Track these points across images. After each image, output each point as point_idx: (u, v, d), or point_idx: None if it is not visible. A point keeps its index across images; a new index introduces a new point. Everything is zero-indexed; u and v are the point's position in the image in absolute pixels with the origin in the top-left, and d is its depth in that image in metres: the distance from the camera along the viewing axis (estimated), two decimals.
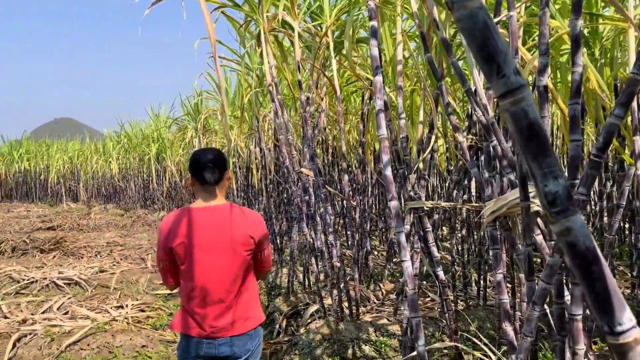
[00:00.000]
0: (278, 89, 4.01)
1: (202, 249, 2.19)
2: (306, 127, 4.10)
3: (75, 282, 6.07)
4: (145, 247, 8.36)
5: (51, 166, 20.54)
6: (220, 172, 2.25)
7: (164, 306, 5.13)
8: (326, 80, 4.95)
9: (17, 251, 8.34)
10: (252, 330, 2.27)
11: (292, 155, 3.98)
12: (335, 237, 4.07)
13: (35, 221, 12.47)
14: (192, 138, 11.01)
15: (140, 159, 15.46)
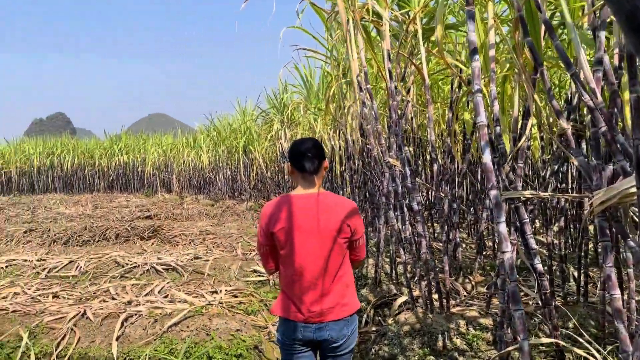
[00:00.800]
0: (367, 77, 4.00)
1: (301, 235, 2.27)
2: (394, 116, 4.07)
3: (173, 267, 6.45)
4: (235, 235, 8.70)
5: (147, 159, 21.88)
6: (319, 162, 2.34)
7: (255, 293, 5.32)
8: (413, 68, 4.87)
9: (120, 238, 8.99)
10: (348, 316, 2.32)
11: (381, 144, 3.95)
12: (424, 227, 4.00)
13: (135, 210, 13.35)
14: (278, 130, 11.27)
15: (228, 151, 16.06)
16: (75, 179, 22.92)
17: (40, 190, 22.78)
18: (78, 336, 4.10)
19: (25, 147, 23.74)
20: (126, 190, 22.46)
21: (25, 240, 9.04)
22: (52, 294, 5.27)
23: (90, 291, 5.35)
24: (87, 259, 6.92)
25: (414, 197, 3.99)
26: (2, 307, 4.77)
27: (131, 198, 18.52)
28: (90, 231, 9.27)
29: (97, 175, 22.86)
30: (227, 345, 3.77)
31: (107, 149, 23.14)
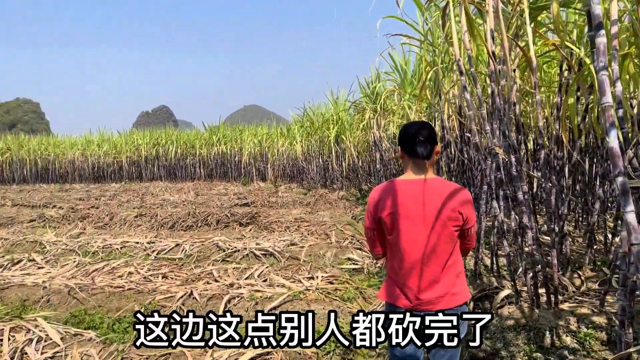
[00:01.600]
0: (471, 61, 3.83)
1: (409, 221, 2.23)
2: (498, 101, 3.87)
3: (270, 253, 6.66)
4: (329, 224, 8.80)
5: (243, 149, 22.73)
6: (431, 146, 2.27)
7: (350, 280, 5.35)
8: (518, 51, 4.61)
9: (220, 224, 9.43)
10: (458, 306, 2.27)
11: (485, 130, 3.79)
12: (530, 218, 3.79)
13: (233, 198, 13.95)
14: (370, 119, 11.20)
15: (321, 140, 16.25)
16: (178, 168, 24.36)
17: (147, 178, 24.47)
18: None
19: (134, 137, 25.57)
20: (224, 178, 23.51)
21: (136, 224, 9.76)
22: (162, 275, 5.65)
23: (195, 273, 5.67)
24: (192, 243, 7.33)
25: (519, 187, 3.78)
26: (119, 285, 5.19)
27: (229, 186, 19.36)
28: (193, 217, 9.81)
29: (197, 164, 24.12)
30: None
31: (207, 140, 24.31)
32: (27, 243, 7.97)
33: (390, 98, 10.62)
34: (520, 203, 3.79)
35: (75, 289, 4.99)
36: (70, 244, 7.65)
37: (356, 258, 6.44)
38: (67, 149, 25.83)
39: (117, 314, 4.49)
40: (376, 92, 11.02)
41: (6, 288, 5.26)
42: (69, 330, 4.00)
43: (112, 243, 7.62)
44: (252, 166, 22.60)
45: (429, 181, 2.27)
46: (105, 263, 6.11)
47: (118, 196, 15.54)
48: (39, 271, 6.01)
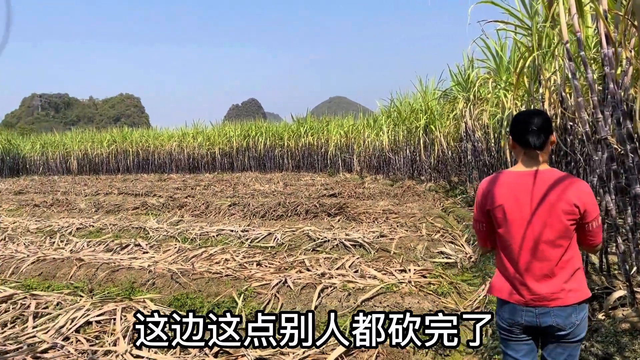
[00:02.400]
0: (581, 44, 3.56)
1: (521, 214, 2.14)
2: (612, 86, 3.57)
3: (360, 244, 6.66)
4: (418, 216, 8.64)
5: (330, 140, 22.92)
6: (545, 136, 2.15)
7: (444, 274, 5.21)
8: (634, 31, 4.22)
9: (309, 214, 9.58)
10: (576, 303, 2.13)
11: (597, 119, 3.51)
12: None
13: (320, 188, 14.11)
14: (462, 108, 10.83)
15: (408, 131, 15.98)
16: (267, 159, 25.07)
17: (238, 168, 25.41)
18: (281, 302, 4.47)
19: (226, 130, 26.62)
20: (311, 169, 23.87)
21: (230, 213, 10.16)
22: (256, 262, 5.83)
23: (288, 262, 5.80)
24: (283, 232, 7.51)
25: (636, 179, 3.47)
26: (217, 271, 5.41)
27: (316, 177, 19.62)
28: (283, 207, 10.04)
29: (285, 155, 24.67)
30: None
31: (294, 131, 24.78)
32: (132, 229, 8.56)
33: (484, 86, 10.19)
34: (637, 197, 3.48)
35: (177, 274, 5.28)
36: (171, 231, 8.12)
37: (449, 252, 6.27)
38: (165, 141, 27.42)
39: (215, 299, 4.70)
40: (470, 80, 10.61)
41: (117, 271, 5.67)
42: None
43: (209, 230, 7.99)
44: (338, 157, 22.73)
45: (541, 173, 2.15)
46: (203, 249, 6.41)
47: (212, 186, 16.27)
48: (144, 255, 6.43)
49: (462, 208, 9.90)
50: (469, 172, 12.59)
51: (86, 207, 11.91)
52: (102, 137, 29.37)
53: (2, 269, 6.21)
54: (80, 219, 9.75)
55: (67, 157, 30.00)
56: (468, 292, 5.05)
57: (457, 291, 4.93)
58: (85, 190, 16.06)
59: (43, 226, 9.21)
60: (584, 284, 2.20)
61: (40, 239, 7.80)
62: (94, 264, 5.89)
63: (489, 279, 5.10)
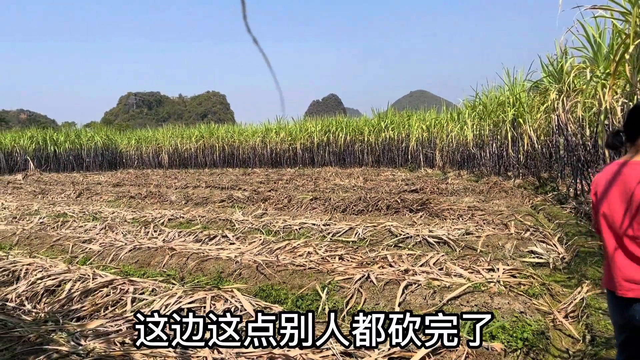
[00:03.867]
0: None
1: (610, 203, 2.24)
2: None
3: (444, 241, 6.49)
4: (506, 213, 8.28)
5: (411, 134, 22.55)
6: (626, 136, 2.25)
7: (535, 274, 4.96)
8: None
9: (390, 209, 9.48)
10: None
11: None
12: None
13: (401, 184, 13.93)
14: (554, 100, 10.23)
15: (494, 125, 15.35)
16: (346, 154, 25.12)
17: (319, 163, 25.68)
18: (364, 297, 4.46)
19: (307, 125, 26.98)
20: (391, 164, 23.63)
21: (311, 207, 10.29)
22: (338, 256, 5.85)
23: (370, 257, 5.76)
24: (364, 227, 7.48)
25: None
26: (300, 264, 5.50)
27: (396, 172, 19.41)
28: (364, 202, 10.02)
29: (365, 150, 24.59)
30: (511, 326, 3.59)
31: (375, 126, 24.62)
32: (219, 221, 8.91)
33: (579, 76, 9.57)
34: None
35: (263, 265, 5.42)
36: (255, 223, 8.36)
37: (540, 251, 5.96)
38: (249, 137, 28.27)
39: (300, 291, 4.77)
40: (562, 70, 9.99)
41: (205, 260, 5.92)
42: (260, 303, 4.35)
43: (291, 224, 8.13)
44: (420, 152, 22.34)
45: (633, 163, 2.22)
46: (287, 242, 6.53)
47: (293, 180, 16.56)
48: (230, 247, 6.67)
49: (554, 206, 9.37)
50: (560, 168, 11.89)
51: (176, 199, 12.56)
52: (190, 133, 30.84)
53: (103, 255, 6.70)
54: (171, 211, 10.29)
55: (158, 152, 31.79)
56: (561, 294, 4.78)
57: (549, 293, 4.68)
58: (175, 183, 16.94)
59: (138, 216, 9.81)
60: None
61: (136, 229, 8.32)
62: (184, 254, 6.19)
63: (585, 281, 4.79)
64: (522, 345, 3.39)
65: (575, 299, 4.37)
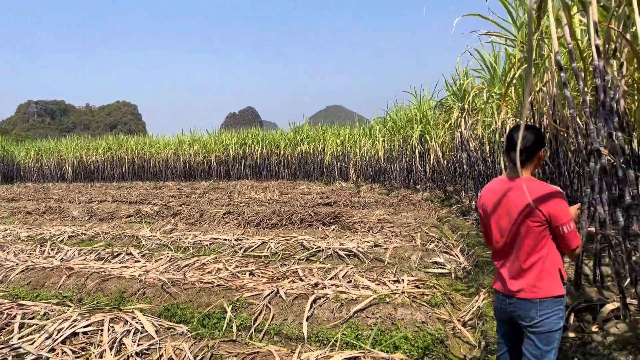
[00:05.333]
0: (573, 56, 3.57)
1: (496, 215, 2.53)
2: (603, 98, 3.57)
3: (354, 254, 6.63)
4: (413, 225, 8.62)
5: (326, 148, 22.93)
6: (527, 154, 2.46)
7: (437, 284, 5.18)
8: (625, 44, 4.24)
9: (304, 223, 9.54)
10: (537, 299, 2.42)
11: (590, 130, 3.51)
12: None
13: (315, 197, 14.08)
14: (457, 118, 10.85)
15: (404, 140, 16.00)
16: (263, 167, 25.04)
17: (234, 176, 25.37)
18: (272, 313, 4.43)
19: (223, 138, 26.60)
20: (307, 178, 23.85)
21: (224, 222, 10.11)
22: (249, 272, 5.79)
23: (281, 271, 5.76)
24: (277, 241, 7.47)
25: (629, 190, 3.47)
26: (209, 281, 5.37)
27: (312, 185, 19.59)
28: (278, 215, 10.01)
29: (281, 164, 24.66)
30: (413, 336, 3.72)
31: (291, 139, 24.78)
32: (125, 237, 8.51)
33: (478, 96, 10.22)
34: (629, 208, 3.47)
35: (168, 284, 5.23)
36: (164, 239, 8.07)
37: (442, 262, 6.24)
38: (161, 149, 27.37)
39: (207, 310, 4.65)
40: (463, 90, 10.64)
41: (107, 280, 5.62)
42: (163, 324, 4.19)
43: (202, 239, 7.94)
44: (334, 166, 22.73)
45: (518, 181, 2.46)
46: (196, 259, 6.36)
47: (207, 194, 16.22)
48: (135, 265, 6.38)
49: (457, 217, 9.88)
50: (464, 182, 12.58)
51: (79, 214, 11.85)
52: (97, 144, 29.32)
53: None
54: (72, 227, 9.69)
55: (61, 164, 29.89)
56: (462, 302, 5.03)
57: (450, 302, 4.90)
58: (79, 198, 15.99)
59: (34, 234, 9.14)
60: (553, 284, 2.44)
61: (30, 247, 7.74)
62: (83, 273, 5.84)
63: (482, 289, 5.07)
64: (422, 354, 3.52)
65: (473, 307, 4.61)
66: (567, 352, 3.64)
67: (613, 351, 3.26)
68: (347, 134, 23.30)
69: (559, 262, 2.48)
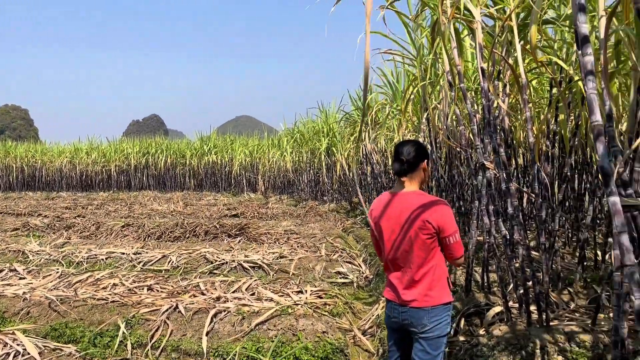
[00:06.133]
0: (461, 76, 3.83)
1: (388, 228, 2.58)
2: (488, 116, 3.86)
3: (259, 266, 6.58)
4: (319, 236, 8.73)
5: (234, 159, 22.68)
6: (409, 166, 2.55)
7: (340, 294, 5.28)
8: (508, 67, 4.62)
9: (208, 235, 9.34)
10: (429, 307, 2.52)
11: (476, 146, 3.77)
12: (521, 234, 3.77)
13: (222, 209, 13.85)
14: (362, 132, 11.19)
15: (311, 152, 16.23)
16: (167, 177, 24.23)
17: (136, 187, 24.29)
18: (171, 329, 4.27)
19: (124, 146, 25.43)
20: (214, 189, 23.41)
21: (123, 234, 9.64)
22: (147, 287, 5.54)
23: (182, 285, 5.57)
24: (179, 255, 7.23)
25: (511, 202, 3.76)
26: (102, 297, 5.08)
27: (219, 197, 19.25)
28: (181, 227, 9.70)
29: (187, 174, 24.01)
30: (314, 346, 3.76)
31: (198, 149, 24.23)
32: (9, 252, 7.83)
33: (381, 111, 10.63)
34: (511, 218, 3.77)
35: (56, 301, 4.87)
36: (54, 254, 7.52)
37: (345, 272, 6.38)
38: (55, 157, 25.62)
39: (99, 328, 4.38)
40: (367, 105, 11.01)
41: None
42: (48, 345, 3.90)
43: (97, 253, 7.50)
44: (243, 177, 22.54)
45: (406, 194, 2.55)
46: (89, 274, 5.99)
47: (105, 205, 15.38)
48: (20, 282, 5.88)
49: (362, 228, 10.16)
50: (368, 194, 12.99)
51: None
52: None
53: None
54: None
55: None
56: (362, 311, 5.16)
57: (352, 311, 5.01)
58: None
59: None
60: (442, 292, 2.57)
61: None
62: None
63: (382, 298, 5.24)
64: None
65: (373, 316, 4.75)
66: (457, 355, 3.85)
67: (496, 352, 3.49)
68: (256, 144, 23.23)
69: (447, 271, 2.61)
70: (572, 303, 4.44)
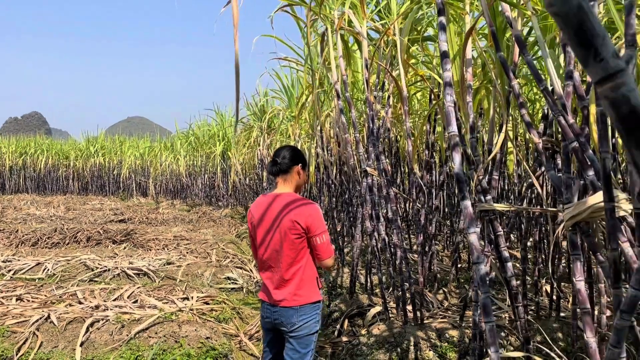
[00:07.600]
0: (347, 86, 3.98)
1: (262, 229, 2.65)
2: (372, 126, 4.06)
3: (144, 272, 6.32)
4: (211, 242, 8.58)
5: (124, 162, 21.59)
6: (280, 168, 2.66)
7: (228, 300, 5.23)
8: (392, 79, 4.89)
9: (91, 241, 8.80)
10: (298, 306, 2.60)
11: (359, 153, 3.94)
12: (400, 237, 3.99)
13: (108, 214, 13.11)
14: (257, 137, 11.20)
15: (207, 157, 15.92)
16: (48, 180, 22.45)
17: (12, 190, 22.23)
18: (40, 341, 3.96)
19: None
20: (101, 193, 22.09)
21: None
22: (16, 297, 5.10)
23: (57, 294, 5.20)
24: (55, 262, 6.74)
25: (390, 207, 3.98)
26: None
27: (106, 201, 18.19)
28: (60, 233, 9.05)
29: (71, 177, 22.42)
30: (196, 352, 3.68)
31: (83, 150, 22.74)
32: None
33: (277, 117, 10.71)
34: (391, 222, 3.98)
35: None
36: None
37: (235, 277, 6.33)
38: None
39: None
40: (263, 110, 11.05)
41: None
42: None
43: None
44: (133, 181, 21.51)
45: (279, 195, 2.64)
46: None
47: None
48: None
49: None
50: None
51: None
52: None
53: None
54: None
55: None
56: (250, 316, 5.15)
57: (239, 316, 4.98)
58: None
59: None
60: (311, 292, 2.65)
61: None
62: None
63: None
64: None
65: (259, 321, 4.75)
66: (339, 355, 3.99)
67: (374, 350, 3.66)
68: (147, 146, 22.29)
69: (316, 271, 2.69)
70: (445, 302, 4.78)
